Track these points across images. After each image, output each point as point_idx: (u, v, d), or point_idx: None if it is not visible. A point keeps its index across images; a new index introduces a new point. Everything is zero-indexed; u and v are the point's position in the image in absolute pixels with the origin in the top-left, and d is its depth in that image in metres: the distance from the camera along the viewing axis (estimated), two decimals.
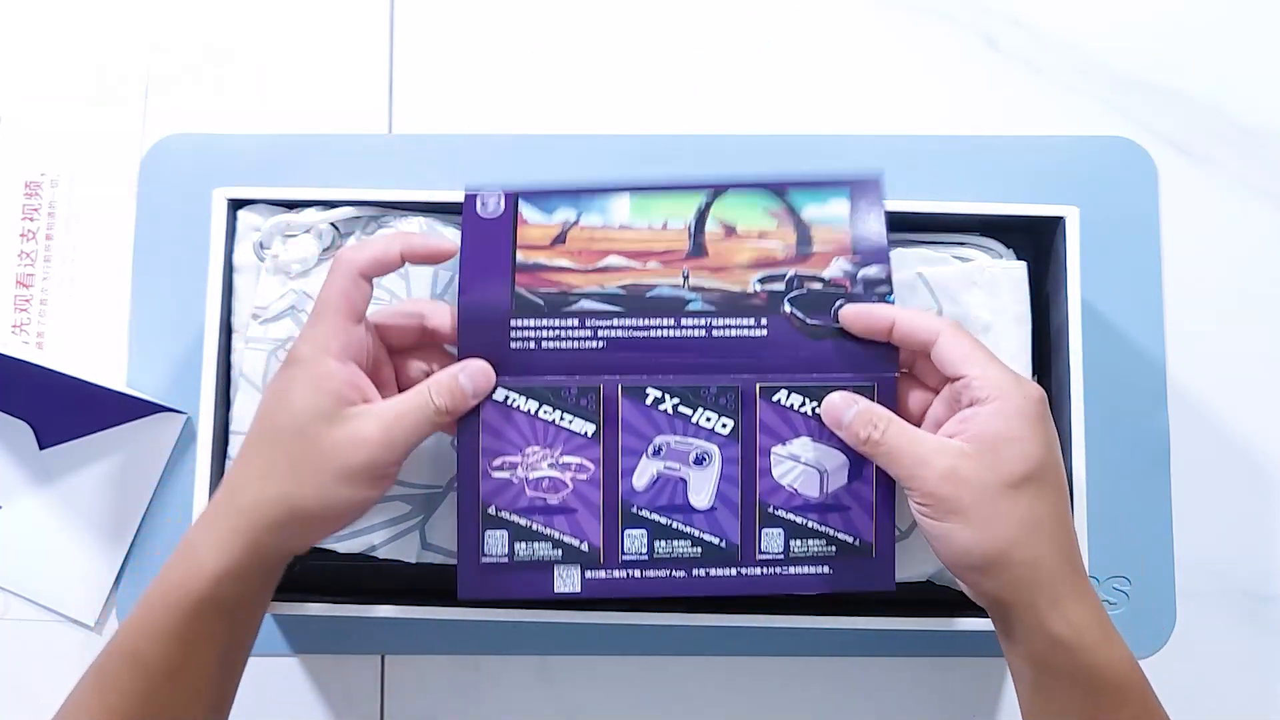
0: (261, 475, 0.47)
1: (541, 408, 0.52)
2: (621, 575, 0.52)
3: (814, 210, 0.54)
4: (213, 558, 0.46)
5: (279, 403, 0.48)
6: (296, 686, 0.64)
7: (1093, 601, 0.46)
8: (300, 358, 0.48)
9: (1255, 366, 0.65)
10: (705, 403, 0.52)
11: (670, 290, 0.53)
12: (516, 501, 0.52)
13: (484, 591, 0.52)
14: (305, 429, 0.47)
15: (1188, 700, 0.63)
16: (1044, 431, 0.47)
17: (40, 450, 0.64)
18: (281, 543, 0.48)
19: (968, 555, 0.46)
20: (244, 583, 0.47)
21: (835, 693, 0.64)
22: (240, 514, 0.47)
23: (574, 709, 0.64)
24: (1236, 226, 0.66)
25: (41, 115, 0.67)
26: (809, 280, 0.53)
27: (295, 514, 0.47)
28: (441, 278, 0.58)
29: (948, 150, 0.66)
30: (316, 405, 0.47)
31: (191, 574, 0.46)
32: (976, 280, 0.58)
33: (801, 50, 0.68)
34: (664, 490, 0.52)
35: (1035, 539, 0.45)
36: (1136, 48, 0.67)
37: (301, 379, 0.48)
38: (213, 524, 0.48)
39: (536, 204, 0.54)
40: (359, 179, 0.65)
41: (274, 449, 0.47)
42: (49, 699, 0.45)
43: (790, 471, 0.52)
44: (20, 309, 0.66)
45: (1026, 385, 0.47)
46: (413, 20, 0.68)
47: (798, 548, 0.52)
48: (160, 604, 0.46)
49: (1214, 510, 0.64)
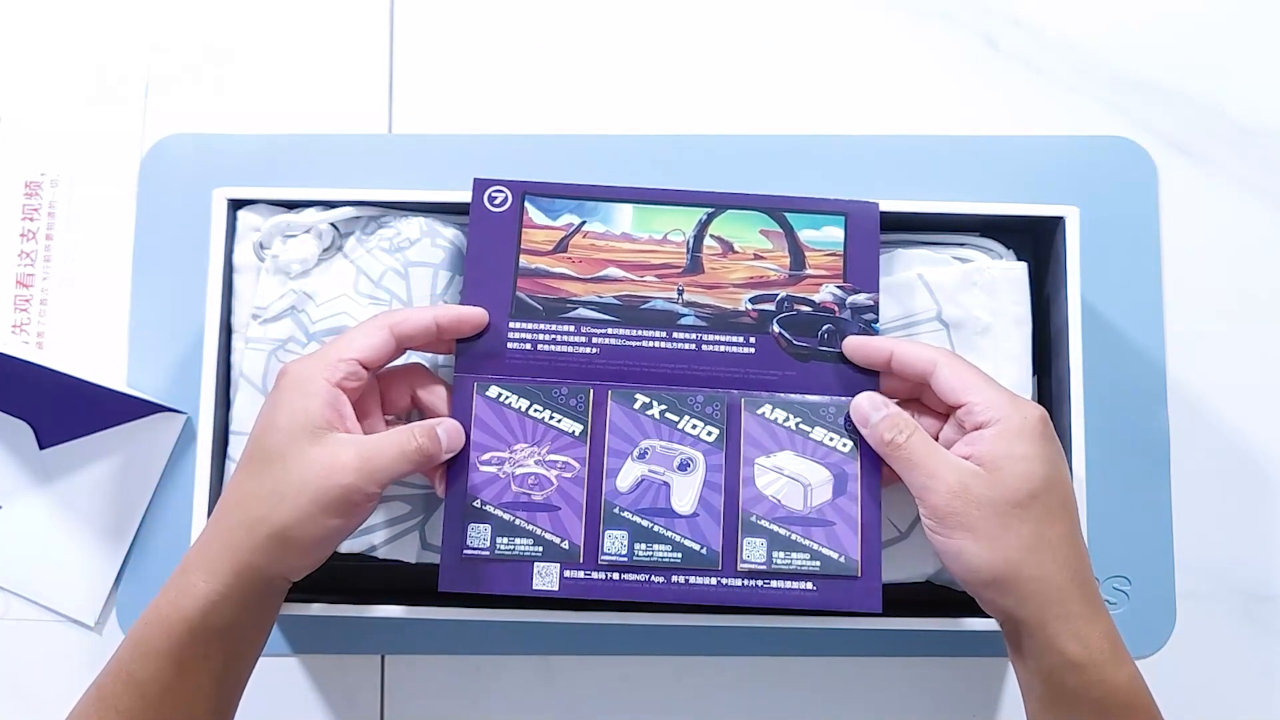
0: (246, 498, 0.48)
1: (532, 406, 0.53)
2: (600, 577, 0.52)
3: (810, 234, 0.55)
4: (204, 580, 0.47)
5: (265, 422, 0.49)
6: (296, 686, 0.64)
7: (1104, 620, 0.46)
8: (288, 379, 0.49)
9: (1255, 366, 0.65)
10: (692, 411, 0.54)
11: (664, 304, 0.55)
12: (501, 496, 0.53)
13: (464, 584, 0.52)
14: (288, 449, 0.48)
15: (1188, 700, 0.63)
16: (1046, 450, 0.47)
17: (40, 450, 0.64)
18: (268, 565, 0.48)
19: (978, 573, 0.47)
20: (236, 606, 0.47)
21: (835, 693, 0.64)
22: (229, 534, 0.48)
23: (574, 709, 0.64)
24: (1236, 226, 0.66)
25: (41, 115, 0.67)
26: (799, 303, 0.55)
27: (275, 536, 0.47)
28: (441, 279, 0.58)
29: (948, 150, 0.66)
30: (299, 426, 0.48)
31: (185, 595, 0.47)
32: (976, 281, 0.58)
33: (802, 50, 0.68)
34: (647, 493, 0.53)
35: (1043, 557, 0.46)
36: (1136, 48, 0.67)
37: (288, 398, 0.49)
38: (205, 546, 0.48)
39: (542, 205, 0.55)
40: (359, 179, 0.65)
41: (260, 469, 0.48)
42: (49, 699, 0.45)
43: (774, 483, 0.53)
44: (20, 309, 0.66)
45: (1026, 406, 0.48)
46: (413, 20, 0.68)
47: (780, 560, 0.52)
48: (155, 624, 0.47)
49: (1214, 510, 0.64)
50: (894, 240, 0.60)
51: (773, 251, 0.55)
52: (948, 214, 0.59)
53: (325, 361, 0.49)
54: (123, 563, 0.64)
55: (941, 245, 0.60)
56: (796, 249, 0.55)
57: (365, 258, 0.58)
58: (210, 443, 0.56)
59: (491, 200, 0.55)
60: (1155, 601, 0.63)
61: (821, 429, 0.53)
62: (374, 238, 0.58)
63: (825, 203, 0.56)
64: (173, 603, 0.47)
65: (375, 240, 0.58)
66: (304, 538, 0.48)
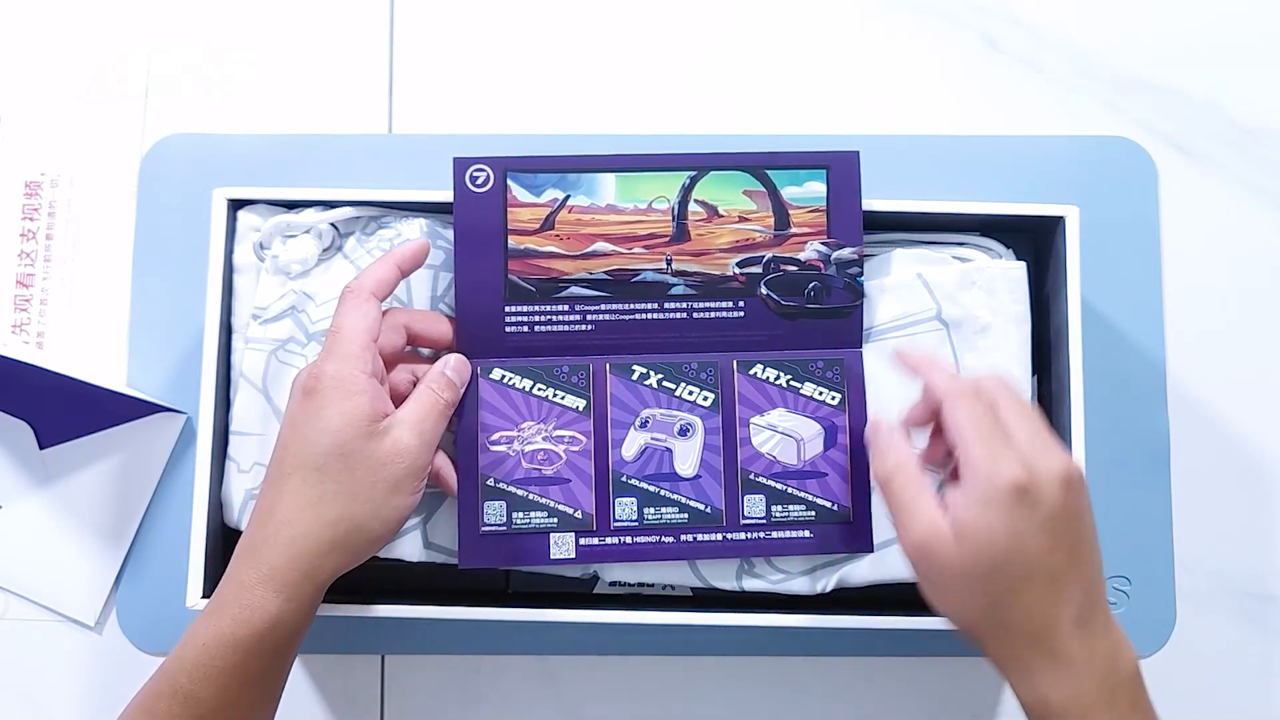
0: (314, 503, 0.48)
1: (535, 385, 0.56)
2: (614, 541, 0.55)
3: (793, 191, 0.56)
4: (277, 596, 0.47)
5: (313, 429, 0.49)
6: (296, 686, 0.64)
7: (1082, 667, 0.44)
8: (326, 382, 0.49)
9: (1255, 366, 0.65)
10: (687, 378, 0.56)
11: (654, 275, 0.56)
12: (513, 473, 0.55)
13: (484, 559, 0.55)
14: (348, 450, 0.49)
15: (1188, 700, 0.63)
16: (1011, 519, 0.44)
17: (40, 450, 0.64)
18: (339, 565, 0.49)
19: (946, 619, 0.47)
20: (306, 616, 0.49)
21: (835, 693, 0.64)
22: (294, 544, 0.48)
23: (574, 709, 0.64)
24: (1236, 226, 0.66)
25: (41, 115, 0.67)
26: (785, 263, 0.56)
27: (354, 532, 0.49)
28: (442, 280, 0.58)
29: (948, 150, 0.66)
30: (354, 425, 0.49)
31: (257, 613, 0.47)
32: (976, 280, 0.58)
33: (801, 50, 0.68)
34: (651, 460, 0.56)
35: (1002, 621, 0.45)
36: (1136, 48, 0.67)
37: (333, 402, 0.49)
38: (263, 560, 0.48)
39: (524, 181, 0.56)
40: (359, 179, 0.65)
41: (320, 475, 0.49)
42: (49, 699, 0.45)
43: (769, 440, 0.56)
44: (20, 309, 0.66)
45: (1000, 469, 0.44)
46: (413, 20, 0.68)
47: (779, 513, 0.55)
48: (220, 645, 0.47)
49: (1214, 510, 0.64)
50: (894, 240, 0.60)
51: (757, 212, 0.56)
52: (948, 214, 0.59)
53: (351, 356, 0.50)
54: (123, 563, 0.64)
55: (941, 245, 0.60)
56: (780, 208, 0.56)
57: (366, 258, 0.58)
58: (210, 443, 0.56)
59: (474, 180, 0.56)
60: (1155, 601, 0.63)
61: (811, 384, 0.56)
62: (374, 238, 0.58)
63: (806, 156, 0.56)
64: (243, 621, 0.47)
65: (375, 240, 0.58)
66: (384, 526, 0.50)
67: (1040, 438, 0.46)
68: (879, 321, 0.58)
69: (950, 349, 0.58)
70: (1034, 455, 0.45)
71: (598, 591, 0.60)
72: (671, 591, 0.60)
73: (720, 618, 0.56)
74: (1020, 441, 0.46)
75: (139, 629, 0.63)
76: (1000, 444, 0.45)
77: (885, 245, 0.60)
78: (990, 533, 0.44)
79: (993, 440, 0.46)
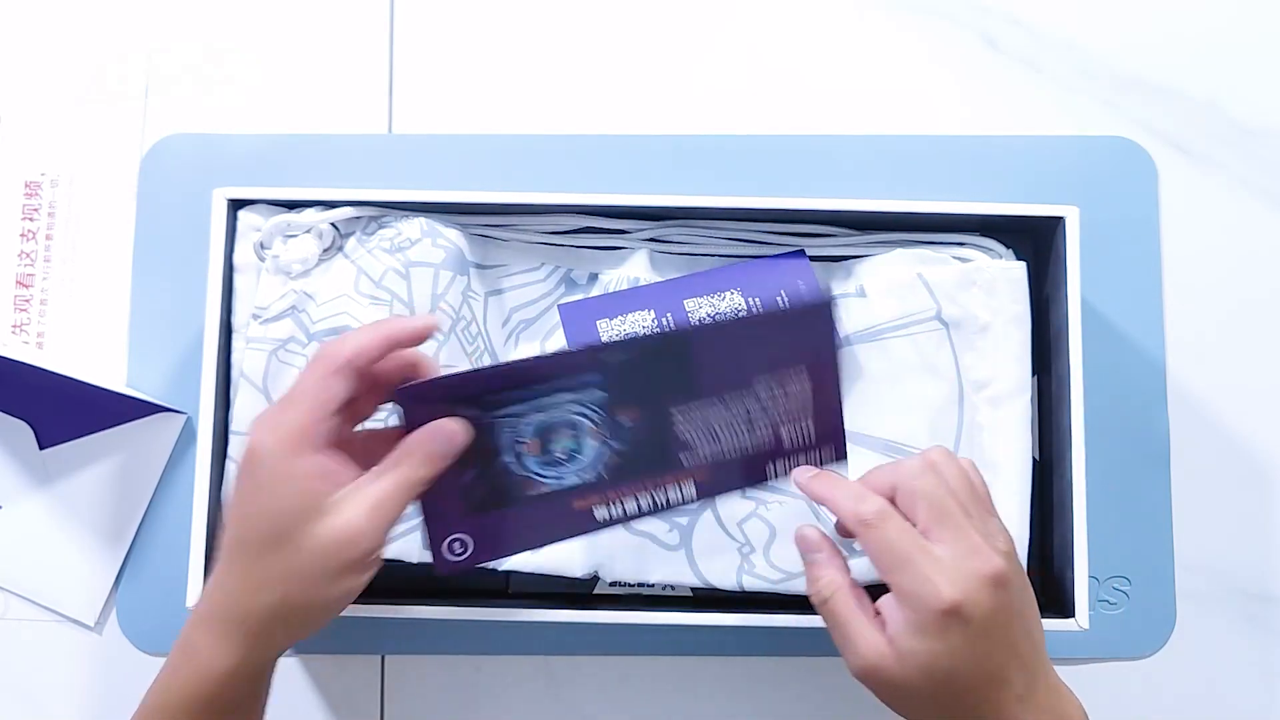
0: (255, 588, 0.45)
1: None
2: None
3: None
4: (220, 658, 0.46)
5: (253, 508, 0.45)
6: (296, 686, 0.64)
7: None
8: (262, 455, 0.44)
9: (1255, 366, 0.65)
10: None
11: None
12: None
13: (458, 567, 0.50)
14: (289, 534, 0.44)
15: (1187, 700, 0.63)
16: (944, 643, 0.44)
17: (40, 450, 0.64)
18: (287, 637, 0.48)
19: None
20: (252, 681, 0.48)
21: (835, 693, 0.64)
22: (242, 621, 0.46)
23: (575, 709, 0.64)
24: (1236, 226, 0.66)
25: (41, 115, 0.67)
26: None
27: (297, 613, 0.46)
28: (443, 278, 0.57)
29: (948, 150, 0.66)
30: (292, 507, 0.44)
31: (200, 674, 0.46)
32: (975, 280, 0.58)
33: (801, 50, 0.68)
34: None
35: (952, 717, 0.45)
36: (1136, 48, 0.67)
37: (268, 482, 0.44)
38: (211, 627, 0.46)
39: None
40: (359, 179, 0.65)
41: (261, 559, 0.45)
42: (49, 699, 0.45)
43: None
44: (20, 309, 0.66)
45: (926, 596, 0.43)
46: (413, 20, 0.68)
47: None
48: (164, 707, 0.47)
49: (1214, 510, 0.64)
50: (894, 240, 0.60)
51: None
52: (948, 214, 0.59)
53: (294, 433, 0.44)
54: (123, 563, 0.64)
55: (941, 245, 0.60)
56: None
57: (366, 258, 0.58)
58: (210, 443, 0.56)
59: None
60: (1155, 601, 0.63)
61: None
62: (375, 238, 0.58)
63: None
64: (190, 681, 0.46)
65: (376, 240, 0.58)
66: (327, 609, 0.46)
67: (964, 539, 0.44)
68: (879, 321, 0.58)
69: (950, 349, 0.58)
70: (958, 565, 0.44)
71: (598, 592, 0.60)
72: (671, 591, 0.61)
73: (720, 618, 0.56)
74: (944, 552, 0.44)
75: (139, 629, 0.63)
76: (923, 564, 0.44)
77: (885, 245, 0.60)
78: (930, 656, 0.44)
79: (913, 564, 0.44)
